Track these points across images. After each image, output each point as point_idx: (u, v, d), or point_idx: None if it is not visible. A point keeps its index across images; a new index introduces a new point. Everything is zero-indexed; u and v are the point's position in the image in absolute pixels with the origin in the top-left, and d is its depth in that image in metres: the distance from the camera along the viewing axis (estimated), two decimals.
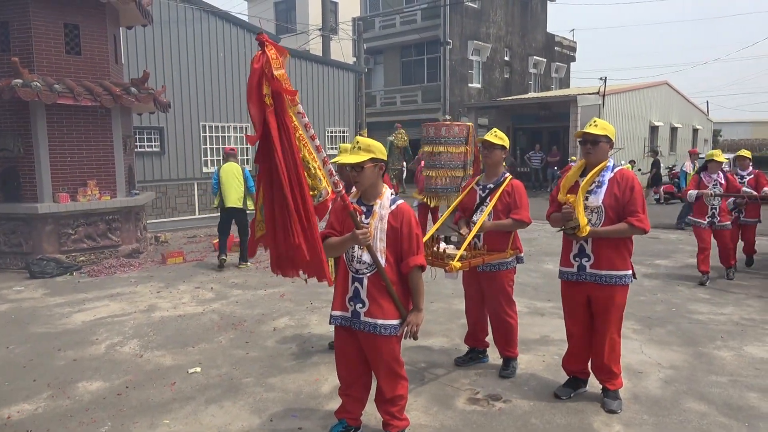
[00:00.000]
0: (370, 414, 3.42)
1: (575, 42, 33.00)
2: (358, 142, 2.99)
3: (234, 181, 8.16)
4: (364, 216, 3.00)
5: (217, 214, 13.16)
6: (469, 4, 24.72)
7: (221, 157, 13.33)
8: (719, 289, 6.92)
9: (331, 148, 15.92)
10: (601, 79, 20.70)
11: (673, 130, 27.14)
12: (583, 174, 3.72)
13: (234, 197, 8.12)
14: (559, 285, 3.92)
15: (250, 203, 8.06)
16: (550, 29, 30.76)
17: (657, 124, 24.97)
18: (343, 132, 16.74)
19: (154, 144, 12.52)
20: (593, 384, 3.93)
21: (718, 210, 7.09)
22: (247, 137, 2.79)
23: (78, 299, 6.66)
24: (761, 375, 4.27)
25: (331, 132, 16.41)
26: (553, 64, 31.00)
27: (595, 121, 3.69)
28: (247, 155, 13.96)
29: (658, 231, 11.14)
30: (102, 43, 8.63)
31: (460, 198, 4.40)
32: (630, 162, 19.61)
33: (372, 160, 2.94)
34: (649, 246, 9.49)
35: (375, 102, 26.11)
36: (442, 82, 24.00)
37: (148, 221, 10.79)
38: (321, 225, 2.88)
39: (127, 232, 9.02)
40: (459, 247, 4.02)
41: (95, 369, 4.52)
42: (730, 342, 5.00)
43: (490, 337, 4.45)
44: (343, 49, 23.95)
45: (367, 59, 25.04)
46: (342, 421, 3.28)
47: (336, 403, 3.40)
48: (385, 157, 3.03)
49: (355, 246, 2.98)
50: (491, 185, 4.18)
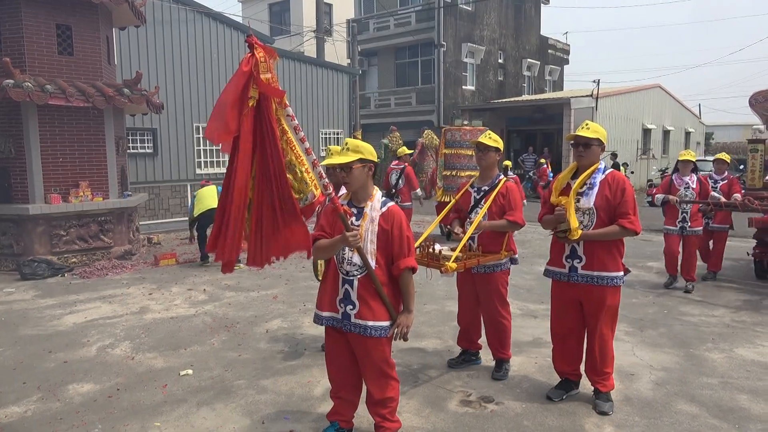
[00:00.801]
0: (363, 416, 3.41)
1: (569, 45, 33.15)
2: (346, 144, 3.01)
3: (211, 193, 8.70)
4: (354, 218, 3.01)
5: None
6: (463, 7, 24.79)
7: (214, 161, 13.30)
8: (710, 291, 6.96)
9: (325, 150, 15.89)
10: (594, 81, 20.83)
11: (666, 133, 27.31)
12: (574, 176, 3.74)
13: (212, 202, 8.48)
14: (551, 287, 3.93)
15: None
16: (544, 32, 30.90)
17: (650, 126, 25.12)
18: (337, 134, 16.73)
19: (147, 145, 12.45)
20: (585, 386, 3.95)
21: (689, 215, 6.74)
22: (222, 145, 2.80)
23: (69, 301, 6.61)
24: (752, 377, 4.29)
25: (325, 134, 16.39)
26: (546, 66, 31.13)
27: (587, 123, 3.71)
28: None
29: (651, 233, 11.18)
30: (94, 44, 8.60)
31: (455, 200, 4.41)
32: (623, 164, 19.72)
33: (360, 160, 2.95)
34: (641, 248, 9.54)
35: (369, 104, 26.11)
36: (437, 84, 24.04)
37: (140, 223, 10.74)
38: (309, 228, 2.88)
39: (119, 234, 8.97)
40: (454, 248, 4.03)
41: (86, 371, 4.49)
42: (721, 344, 5.03)
43: (482, 339, 4.46)
44: (337, 51, 23.97)
45: (362, 61, 25.04)
46: (334, 424, 3.27)
47: (328, 406, 3.40)
48: (374, 158, 3.04)
49: (346, 248, 2.97)
50: (486, 187, 4.19)
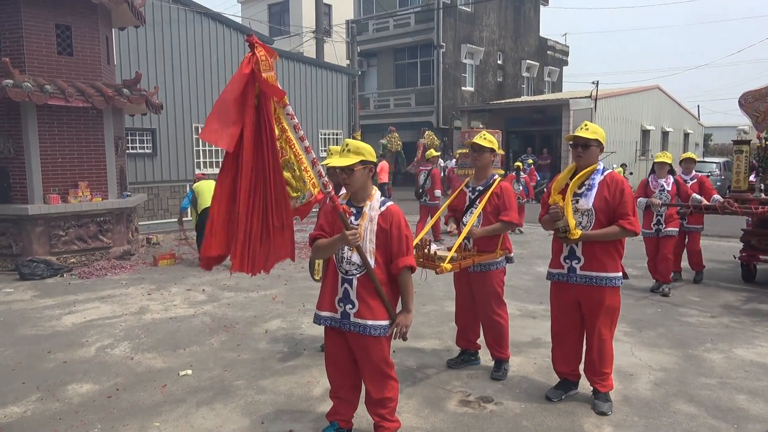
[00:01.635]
0: (362, 416, 3.42)
1: (568, 46, 33.23)
2: (347, 145, 3.01)
3: (210, 187, 8.33)
4: (353, 217, 3.01)
5: None
6: (463, 8, 24.83)
7: (205, 168, 13.29)
8: (709, 292, 6.97)
9: (325, 151, 15.90)
10: (593, 83, 20.89)
11: (665, 134, 27.36)
12: (573, 177, 3.75)
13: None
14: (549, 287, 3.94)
15: None
16: (543, 33, 30.97)
17: (648, 128, 25.16)
18: (336, 134, 16.74)
19: (146, 145, 12.46)
20: (584, 386, 3.95)
21: (663, 216, 6.67)
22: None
23: (68, 301, 6.61)
24: (750, 377, 4.30)
25: (324, 134, 16.40)
26: (545, 67, 31.18)
27: (585, 124, 3.72)
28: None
29: None
30: (94, 44, 8.60)
31: (450, 200, 4.42)
32: (621, 165, 19.74)
33: (362, 162, 2.96)
34: (639, 249, 9.54)
35: (368, 104, 26.15)
36: (436, 85, 24.07)
37: (139, 223, 10.74)
38: (307, 228, 2.89)
39: (118, 234, 8.97)
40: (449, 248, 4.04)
41: (85, 371, 4.49)
42: (720, 344, 5.03)
43: (481, 339, 4.46)
44: (336, 52, 23.99)
45: (361, 62, 25.08)
46: (333, 424, 3.27)
47: (328, 406, 3.40)
48: (374, 159, 3.05)
49: (345, 247, 2.98)
50: (480, 187, 4.20)
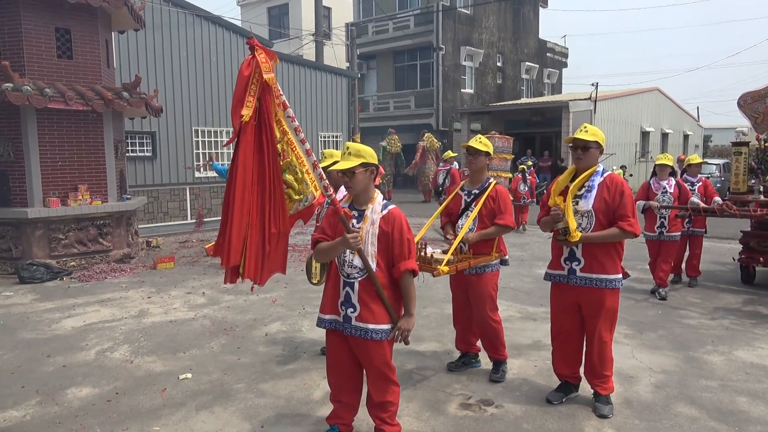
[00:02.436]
0: (362, 420, 3.41)
1: (567, 48, 33.27)
2: (348, 148, 3.00)
3: None
4: (355, 220, 3.01)
5: (208, 219, 13.05)
6: (462, 10, 24.86)
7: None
8: (709, 294, 6.96)
9: (321, 154, 15.88)
10: (592, 84, 20.90)
11: (664, 136, 27.36)
12: (573, 179, 3.75)
13: None
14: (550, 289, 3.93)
15: None
16: (542, 35, 31.01)
17: (648, 129, 25.17)
18: (336, 137, 16.74)
19: (146, 148, 12.45)
20: (585, 389, 3.94)
21: (667, 219, 6.65)
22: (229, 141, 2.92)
23: (68, 304, 6.60)
24: (751, 379, 4.29)
25: (324, 137, 16.40)
26: (545, 69, 31.22)
27: (585, 126, 3.72)
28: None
29: None
30: (94, 48, 8.60)
31: (444, 204, 4.41)
32: (621, 167, 19.74)
33: (363, 165, 2.95)
34: (640, 250, 9.53)
35: (368, 107, 26.17)
36: (435, 87, 24.10)
37: (139, 226, 10.73)
38: (306, 230, 2.88)
39: (118, 237, 8.96)
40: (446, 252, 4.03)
41: (85, 375, 4.48)
42: (721, 346, 5.03)
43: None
44: (336, 55, 24.02)
45: (360, 64, 25.09)
46: (334, 427, 3.26)
47: (328, 409, 3.39)
48: (376, 162, 3.04)
49: (347, 250, 2.98)
50: (476, 191, 4.20)
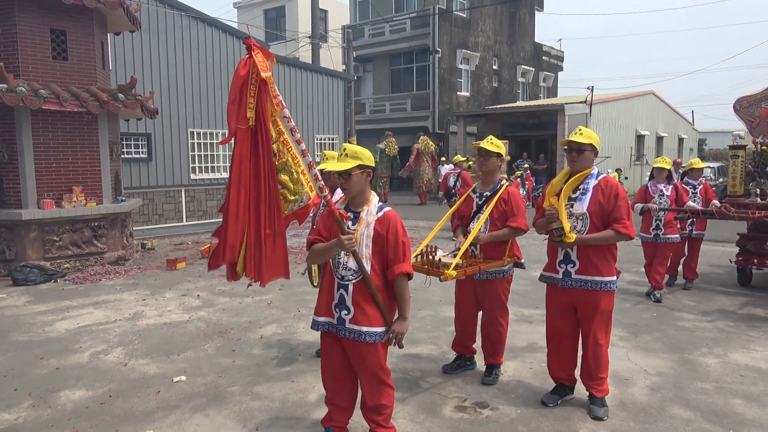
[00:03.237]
0: (357, 422, 3.40)
1: (563, 51, 33.38)
2: (345, 149, 2.98)
3: None
4: (350, 222, 3.00)
5: (204, 221, 13.08)
6: (458, 14, 24.93)
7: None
8: (704, 297, 6.98)
9: (320, 155, 15.88)
10: (588, 88, 20.96)
11: (659, 139, 27.47)
12: (568, 181, 3.76)
13: None
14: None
15: None
16: (538, 39, 31.11)
17: (643, 133, 25.26)
18: (332, 139, 16.74)
19: (141, 150, 12.43)
20: (580, 391, 3.94)
21: (662, 222, 6.67)
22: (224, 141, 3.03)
23: (62, 307, 6.57)
24: (745, 382, 4.30)
25: (320, 139, 16.40)
26: (541, 73, 31.32)
27: (580, 129, 3.73)
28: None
29: None
30: (89, 49, 8.58)
31: (456, 206, 4.38)
32: (616, 170, 19.81)
33: (360, 166, 2.94)
34: (635, 253, 9.56)
35: (364, 109, 26.19)
36: (431, 90, 24.14)
37: (134, 228, 10.70)
38: (302, 232, 2.88)
39: (113, 239, 8.93)
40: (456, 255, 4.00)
41: (78, 378, 4.45)
42: (715, 349, 5.04)
43: (477, 344, 4.44)
44: (332, 57, 24.01)
45: (357, 67, 25.12)
46: (328, 430, 3.25)
47: (323, 412, 3.37)
48: (372, 164, 3.03)
49: (341, 252, 2.97)
50: (488, 193, 4.16)
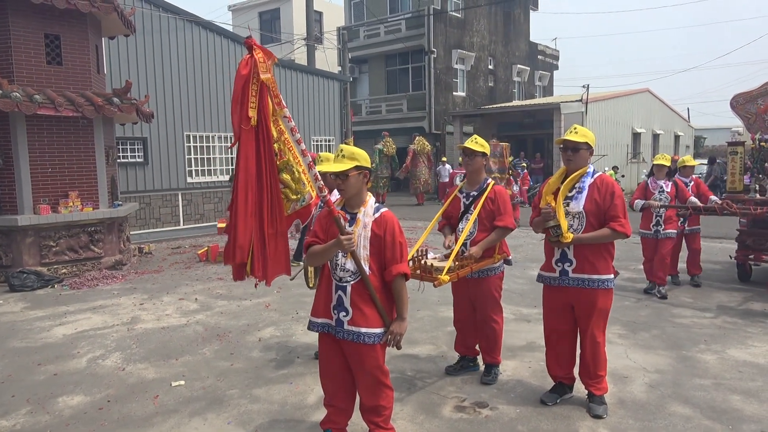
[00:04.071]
0: (356, 423, 3.39)
1: (558, 50, 33.44)
2: (342, 150, 2.97)
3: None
4: (347, 223, 2.99)
5: (201, 225, 13.12)
6: (453, 14, 24.95)
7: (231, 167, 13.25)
8: (701, 293, 6.99)
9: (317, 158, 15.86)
10: (583, 86, 20.99)
11: (655, 137, 27.52)
12: (564, 180, 3.76)
13: None
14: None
15: None
16: (533, 38, 31.17)
17: (639, 130, 25.31)
18: (328, 141, 16.73)
19: (137, 154, 12.40)
20: (579, 389, 3.94)
21: (662, 218, 6.72)
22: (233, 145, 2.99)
23: (59, 312, 6.54)
24: (744, 378, 4.31)
25: (316, 141, 16.39)
26: (536, 72, 31.37)
27: (575, 128, 3.73)
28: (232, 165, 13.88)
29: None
30: (84, 53, 8.56)
31: (444, 207, 4.39)
32: (613, 168, 19.84)
33: (357, 168, 2.93)
34: (632, 251, 9.57)
35: (360, 110, 26.18)
36: (427, 90, 24.14)
37: (131, 232, 10.67)
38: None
39: (109, 244, 8.91)
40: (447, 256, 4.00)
41: (76, 383, 4.44)
42: (714, 345, 5.04)
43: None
44: (328, 59, 24.02)
45: (352, 68, 25.12)
46: (328, 431, 3.24)
47: (322, 414, 3.37)
48: (369, 165, 3.03)
49: (339, 254, 2.96)
50: (474, 192, 4.17)
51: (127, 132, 12.03)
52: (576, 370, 3.91)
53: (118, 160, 10.97)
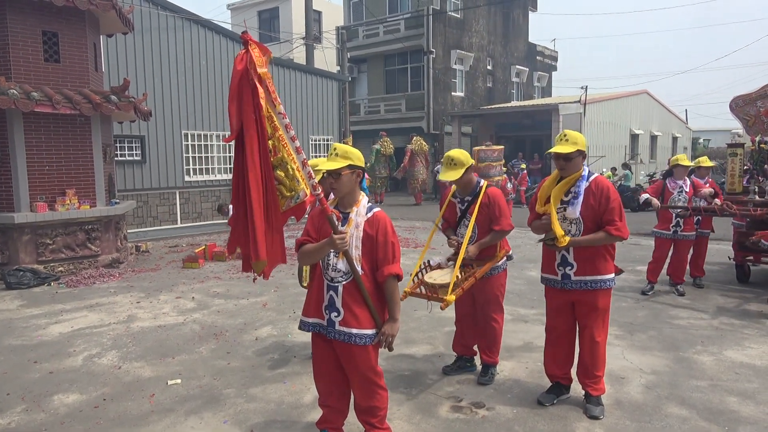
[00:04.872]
0: (353, 423, 3.38)
1: (556, 51, 33.46)
2: (335, 149, 2.96)
3: None
4: (339, 223, 2.97)
5: (198, 223, 13.19)
6: (452, 14, 24.95)
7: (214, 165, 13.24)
8: (699, 295, 7.00)
9: (315, 156, 15.87)
10: (582, 88, 21.01)
11: (653, 138, 27.57)
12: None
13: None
14: (541, 291, 3.94)
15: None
16: (532, 39, 31.19)
17: (637, 132, 25.34)
18: (327, 140, 16.72)
19: (135, 152, 12.37)
20: (576, 390, 3.94)
21: (683, 219, 6.72)
22: (225, 140, 3.04)
23: (55, 310, 6.52)
24: (740, 379, 4.31)
25: (314, 140, 16.38)
26: (535, 73, 31.39)
27: (565, 135, 3.63)
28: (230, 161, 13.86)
29: (639, 237, 11.25)
30: (82, 51, 8.53)
31: (441, 212, 4.39)
32: (611, 169, 19.86)
33: (350, 166, 2.92)
34: (630, 252, 9.59)
35: (359, 110, 26.17)
36: (426, 90, 24.14)
37: (128, 231, 10.65)
38: (296, 233, 2.86)
39: (106, 242, 8.88)
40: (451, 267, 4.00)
41: (72, 381, 4.42)
42: (710, 347, 5.05)
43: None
44: (326, 58, 24.01)
45: (351, 68, 25.11)
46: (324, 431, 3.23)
47: (318, 413, 3.35)
48: (362, 164, 3.02)
49: (331, 253, 2.94)
50: (468, 197, 4.15)
51: (125, 130, 12.00)
52: (573, 371, 3.91)
53: (116, 158, 10.94)
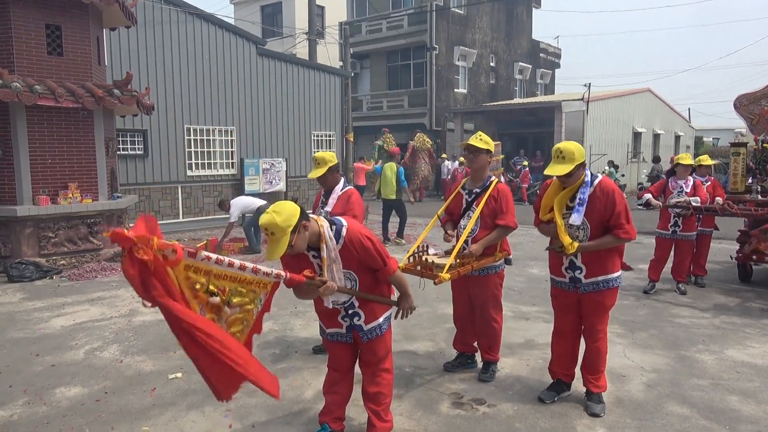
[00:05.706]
0: (353, 418, 3.40)
1: (560, 49, 33.38)
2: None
3: (389, 176, 10.48)
4: (311, 257, 2.99)
5: (200, 218, 13.43)
6: (455, 10, 24.88)
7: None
8: (700, 293, 6.99)
9: (317, 150, 15.84)
10: (585, 85, 20.98)
11: (656, 137, 27.49)
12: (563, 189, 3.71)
13: (387, 191, 10.53)
14: (543, 289, 3.94)
15: (404, 196, 10.74)
16: (535, 36, 31.11)
17: (640, 130, 25.28)
18: (329, 136, 16.70)
19: (137, 146, 12.36)
20: (577, 388, 3.95)
21: (681, 219, 6.69)
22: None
23: (57, 303, 6.54)
24: (742, 378, 4.31)
25: (317, 136, 16.35)
26: (538, 70, 31.31)
27: (561, 152, 3.47)
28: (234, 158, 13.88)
29: (641, 236, 11.21)
30: (85, 44, 8.52)
31: (446, 204, 4.36)
32: (613, 166, 19.82)
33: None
34: (632, 251, 9.57)
35: (361, 106, 26.13)
36: (429, 87, 24.09)
37: (130, 225, 10.65)
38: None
39: None
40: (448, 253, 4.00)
41: (73, 374, 4.43)
42: (712, 345, 5.04)
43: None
44: (329, 54, 23.94)
45: (354, 64, 25.06)
46: (325, 426, 3.25)
47: (319, 408, 3.36)
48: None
49: (328, 298, 3.04)
50: (477, 190, 4.13)
51: (128, 124, 11.99)
52: (577, 369, 3.91)
53: (118, 152, 10.94)
